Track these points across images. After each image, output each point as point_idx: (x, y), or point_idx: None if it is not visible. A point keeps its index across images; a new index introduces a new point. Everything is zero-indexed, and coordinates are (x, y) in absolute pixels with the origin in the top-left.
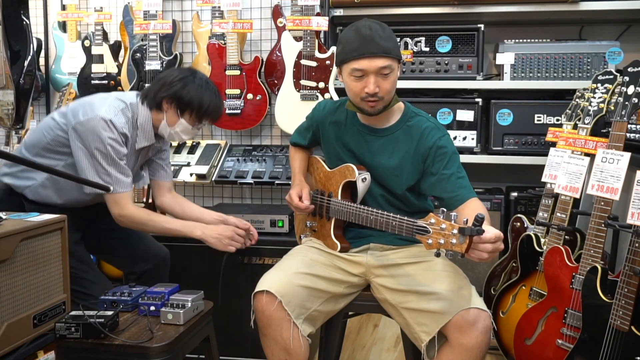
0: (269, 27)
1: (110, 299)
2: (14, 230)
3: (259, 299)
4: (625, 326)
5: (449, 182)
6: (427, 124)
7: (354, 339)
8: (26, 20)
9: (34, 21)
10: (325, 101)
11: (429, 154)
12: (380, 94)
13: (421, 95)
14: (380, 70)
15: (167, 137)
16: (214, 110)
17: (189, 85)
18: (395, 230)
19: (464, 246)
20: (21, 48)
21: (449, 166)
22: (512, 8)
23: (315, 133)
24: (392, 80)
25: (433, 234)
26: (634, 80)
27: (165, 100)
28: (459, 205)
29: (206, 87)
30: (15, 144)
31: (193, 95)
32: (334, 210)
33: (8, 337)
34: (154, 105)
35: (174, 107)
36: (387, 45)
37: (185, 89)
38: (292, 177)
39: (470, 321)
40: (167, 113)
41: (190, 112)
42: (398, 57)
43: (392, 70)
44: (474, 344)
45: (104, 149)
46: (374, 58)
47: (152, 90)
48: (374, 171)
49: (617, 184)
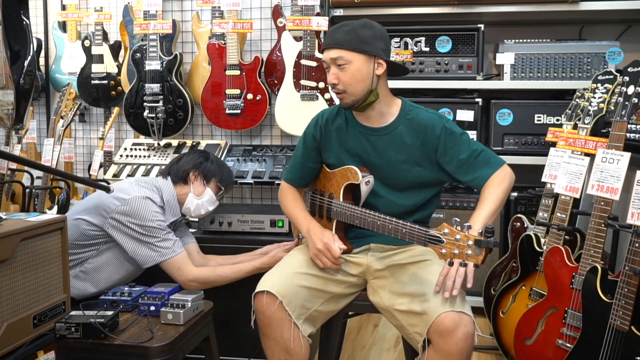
0: (269, 27)
1: (110, 299)
2: (14, 230)
3: (259, 299)
4: (625, 326)
5: (467, 165)
6: (427, 114)
7: (354, 339)
8: (26, 20)
9: (34, 21)
10: (321, 112)
11: (439, 144)
12: (340, 87)
13: (421, 95)
14: (334, 61)
15: (194, 211)
16: (231, 177)
17: (210, 157)
18: (406, 238)
19: (480, 257)
20: (21, 48)
21: (462, 150)
22: (512, 8)
23: (318, 148)
24: (350, 73)
25: (447, 244)
26: (634, 80)
27: (192, 172)
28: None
29: (219, 160)
30: (15, 144)
31: (215, 166)
32: (336, 212)
33: (8, 337)
34: (180, 179)
35: (200, 177)
36: (342, 38)
37: (207, 161)
38: (298, 222)
39: (449, 326)
40: (193, 184)
41: (215, 180)
42: (360, 50)
43: (348, 62)
44: (454, 349)
45: (153, 224)
46: (328, 50)
47: (173, 167)
48: (383, 170)
49: (617, 184)
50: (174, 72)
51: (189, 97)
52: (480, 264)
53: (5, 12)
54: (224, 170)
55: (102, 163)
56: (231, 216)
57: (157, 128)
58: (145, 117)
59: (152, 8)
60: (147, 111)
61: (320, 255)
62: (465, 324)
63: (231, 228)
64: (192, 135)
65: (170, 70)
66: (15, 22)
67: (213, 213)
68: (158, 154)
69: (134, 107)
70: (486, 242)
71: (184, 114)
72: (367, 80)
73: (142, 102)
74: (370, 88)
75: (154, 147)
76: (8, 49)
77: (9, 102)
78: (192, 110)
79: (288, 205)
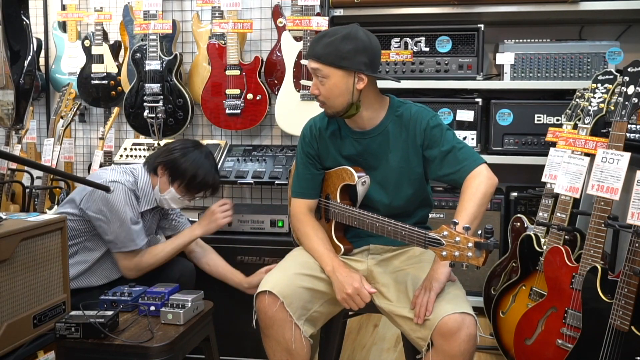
0: (269, 27)
1: (110, 299)
2: (14, 230)
3: (261, 300)
4: (625, 326)
5: (450, 156)
6: (415, 108)
7: (354, 339)
8: (26, 20)
9: (34, 21)
10: (311, 121)
11: (425, 136)
12: (320, 98)
13: (421, 95)
14: (314, 72)
15: (158, 202)
16: (205, 185)
17: (188, 155)
18: (406, 240)
19: (480, 260)
20: (21, 48)
21: (445, 142)
22: (512, 8)
23: (317, 155)
24: (328, 88)
25: (447, 246)
26: (634, 80)
27: (161, 166)
28: (466, 177)
29: (204, 161)
30: (15, 144)
31: (188, 166)
32: (334, 213)
33: (8, 337)
34: (152, 169)
35: (167, 174)
36: (320, 52)
37: (182, 159)
38: (321, 260)
39: (452, 328)
40: (160, 179)
41: (180, 182)
42: (337, 66)
43: (326, 76)
44: (456, 351)
45: (116, 208)
46: (308, 59)
47: (153, 155)
48: (380, 171)
49: (617, 184)
50: (174, 72)
51: (189, 97)
52: (481, 266)
53: (5, 12)
54: (199, 174)
55: (102, 163)
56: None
57: (157, 128)
58: (145, 117)
59: (152, 8)
60: (147, 111)
61: (349, 300)
62: (468, 325)
63: (231, 228)
64: (192, 135)
65: (170, 70)
66: (15, 22)
67: None
68: None
69: (134, 107)
70: (486, 244)
71: (184, 114)
72: (347, 94)
73: (142, 102)
74: (351, 101)
75: (154, 147)
76: (8, 49)
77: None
78: (192, 110)
79: (309, 236)
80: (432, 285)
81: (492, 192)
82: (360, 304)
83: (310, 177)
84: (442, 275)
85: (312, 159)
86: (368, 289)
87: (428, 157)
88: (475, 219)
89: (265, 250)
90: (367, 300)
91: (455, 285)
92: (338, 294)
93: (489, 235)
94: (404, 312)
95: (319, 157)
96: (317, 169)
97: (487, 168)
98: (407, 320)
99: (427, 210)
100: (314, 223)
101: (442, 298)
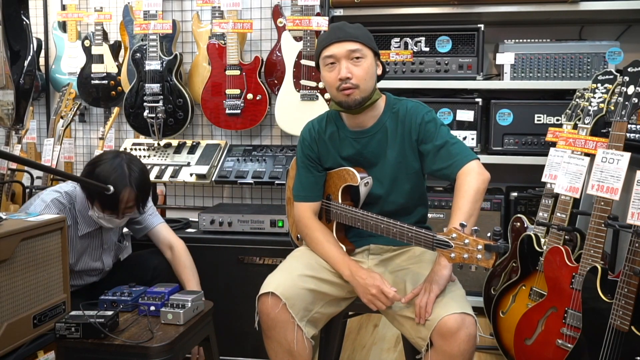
0: (269, 27)
1: (110, 299)
2: (14, 230)
3: (263, 301)
4: (625, 326)
5: (443, 151)
6: (410, 104)
7: (354, 339)
8: (26, 20)
9: (34, 21)
10: (309, 124)
11: (420, 131)
12: (353, 81)
13: (421, 95)
14: (350, 54)
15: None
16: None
17: (97, 169)
18: (412, 242)
19: (490, 262)
20: (21, 48)
21: (439, 137)
22: (512, 8)
23: (318, 158)
24: (365, 68)
25: (455, 248)
26: (634, 80)
27: (81, 187)
28: (457, 172)
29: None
30: (15, 144)
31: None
32: (336, 214)
33: (8, 337)
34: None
35: (85, 193)
36: (356, 32)
37: (92, 175)
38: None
39: (451, 328)
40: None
41: (93, 200)
42: (370, 46)
43: (364, 56)
44: (456, 351)
45: None
46: (342, 42)
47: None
48: (380, 169)
49: (617, 184)
50: (174, 72)
51: (189, 97)
52: (491, 268)
53: (5, 12)
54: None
55: None
56: (231, 216)
57: (157, 128)
58: (145, 117)
59: (152, 8)
60: (147, 111)
61: (375, 300)
62: (468, 325)
63: (231, 228)
64: (192, 135)
65: (170, 70)
66: (15, 22)
67: (213, 213)
68: (158, 154)
69: (134, 107)
70: (496, 247)
71: (184, 114)
72: (374, 78)
73: (142, 102)
74: (374, 87)
75: (154, 147)
76: (8, 49)
77: (9, 102)
78: (192, 110)
79: (320, 242)
80: (432, 287)
81: (484, 187)
82: (387, 303)
83: (313, 179)
84: (442, 277)
85: (313, 162)
86: (389, 287)
87: (422, 151)
88: (471, 216)
89: (265, 250)
90: (390, 297)
91: (455, 285)
92: (363, 297)
93: (497, 237)
94: (403, 312)
95: (319, 159)
96: (318, 171)
97: (478, 164)
98: (407, 319)
99: (425, 209)
100: (321, 227)
101: (441, 298)
